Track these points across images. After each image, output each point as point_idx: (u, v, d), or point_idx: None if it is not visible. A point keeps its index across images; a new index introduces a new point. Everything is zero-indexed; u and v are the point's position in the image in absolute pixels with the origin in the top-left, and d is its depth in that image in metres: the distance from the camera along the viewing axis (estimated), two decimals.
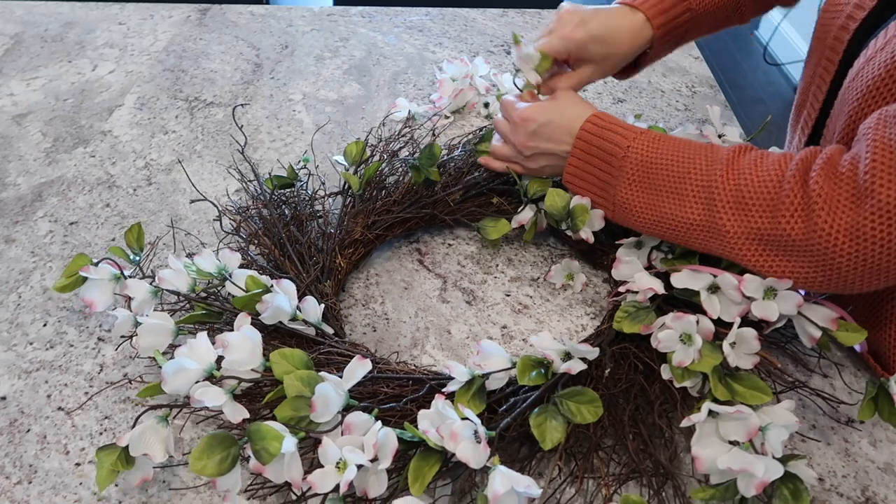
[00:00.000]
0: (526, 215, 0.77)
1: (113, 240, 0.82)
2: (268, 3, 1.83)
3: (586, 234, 0.73)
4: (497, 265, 0.81)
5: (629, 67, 0.81)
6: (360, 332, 0.72)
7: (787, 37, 2.95)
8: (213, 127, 0.99)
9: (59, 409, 0.65)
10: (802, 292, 0.61)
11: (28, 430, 0.63)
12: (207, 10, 1.28)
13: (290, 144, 0.96)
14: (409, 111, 0.97)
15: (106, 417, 0.64)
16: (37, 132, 0.98)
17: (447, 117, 1.01)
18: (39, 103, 1.03)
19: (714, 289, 0.63)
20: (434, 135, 0.88)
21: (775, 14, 3.06)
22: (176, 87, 1.08)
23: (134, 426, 0.55)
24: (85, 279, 0.64)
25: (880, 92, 0.60)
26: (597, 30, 0.73)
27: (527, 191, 0.77)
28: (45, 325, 0.72)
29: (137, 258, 0.68)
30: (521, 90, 0.78)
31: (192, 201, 0.87)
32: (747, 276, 0.60)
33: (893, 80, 0.59)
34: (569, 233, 0.75)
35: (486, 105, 1.02)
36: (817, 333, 0.61)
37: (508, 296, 0.77)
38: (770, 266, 0.59)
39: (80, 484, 0.59)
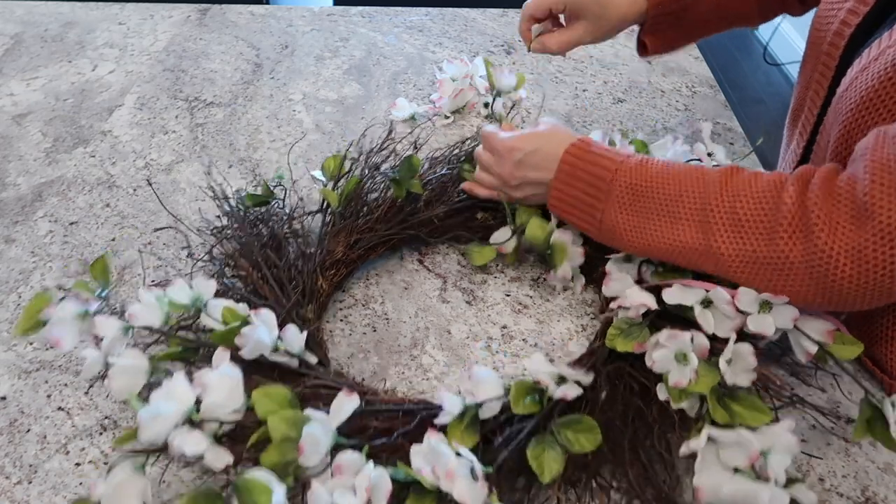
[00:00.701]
0: (508, 243, 0.76)
1: (113, 240, 0.82)
2: (268, 3, 1.83)
3: (564, 271, 0.73)
4: (497, 265, 0.80)
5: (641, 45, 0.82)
6: (360, 332, 0.72)
7: (787, 37, 2.95)
8: (213, 127, 0.99)
9: (59, 409, 0.65)
10: None
11: (28, 430, 0.63)
12: (207, 10, 1.28)
13: (290, 144, 0.96)
14: (407, 113, 0.96)
15: (106, 417, 0.64)
16: (37, 132, 0.98)
17: (447, 117, 1.01)
18: (39, 103, 1.03)
19: (707, 303, 0.61)
20: (416, 147, 0.86)
21: None
22: (176, 87, 1.08)
23: (108, 474, 0.52)
24: (47, 321, 0.59)
25: (874, 104, 0.59)
26: None
27: (514, 219, 0.75)
28: (44, 324, 0.72)
29: (104, 293, 0.64)
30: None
31: (157, 229, 0.87)
32: (741, 289, 0.59)
33: (887, 92, 0.58)
34: (551, 271, 0.74)
35: (486, 105, 1.02)
36: (813, 349, 0.60)
37: (508, 296, 0.77)
38: (766, 287, 0.59)
39: (80, 484, 0.59)
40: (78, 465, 0.60)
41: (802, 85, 0.78)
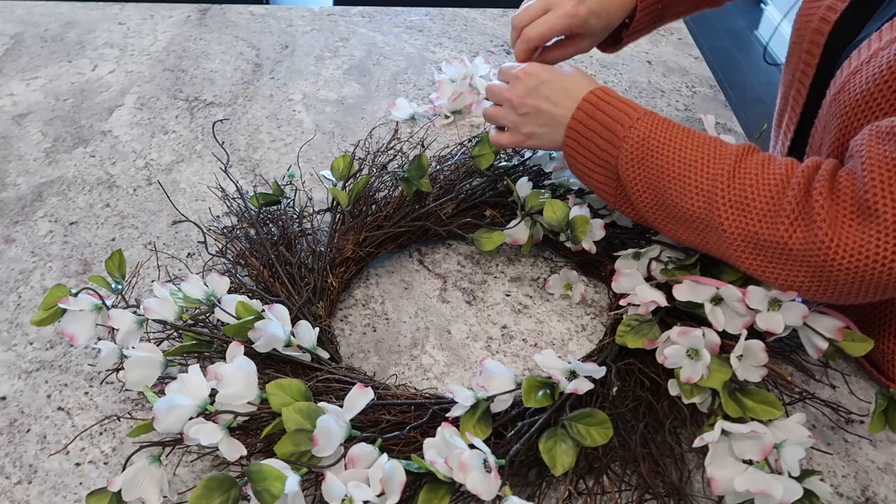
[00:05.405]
0: (522, 231, 0.75)
1: (113, 240, 0.82)
2: (268, 3, 1.83)
3: (588, 244, 0.72)
4: (497, 265, 0.80)
5: (613, 42, 0.81)
6: (360, 332, 0.72)
7: (787, 37, 2.94)
8: (215, 127, 0.99)
9: (59, 409, 0.65)
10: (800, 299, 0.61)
11: (28, 430, 0.63)
12: (207, 10, 1.28)
13: (290, 144, 0.97)
14: (407, 113, 0.96)
15: (106, 417, 0.64)
16: (37, 132, 0.98)
17: (447, 117, 1.01)
18: (39, 103, 1.03)
19: (717, 300, 0.62)
20: (423, 146, 0.86)
21: (775, 14, 3.06)
22: (176, 87, 1.08)
23: (125, 467, 0.53)
24: (64, 311, 0.60)
25: (869, 106, 0.59)
26: (595, 5, 0.73)
27: (524, 204, 0.75)
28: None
29: (120, 287, 0.65)
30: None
31: (175, 222, 0.87)
32: (751, 287, 0.59)
33: (882, 93, 0.58)
34: (569, 244, 0.74)
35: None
36: (824, 345, 0.60)
37: (508, 296, 0.77)
38: (763, 271, 0.59)
39: (80, 484, 0.59)
40: (78, 465, 0.60)
41: (786, 85, 0.78)
